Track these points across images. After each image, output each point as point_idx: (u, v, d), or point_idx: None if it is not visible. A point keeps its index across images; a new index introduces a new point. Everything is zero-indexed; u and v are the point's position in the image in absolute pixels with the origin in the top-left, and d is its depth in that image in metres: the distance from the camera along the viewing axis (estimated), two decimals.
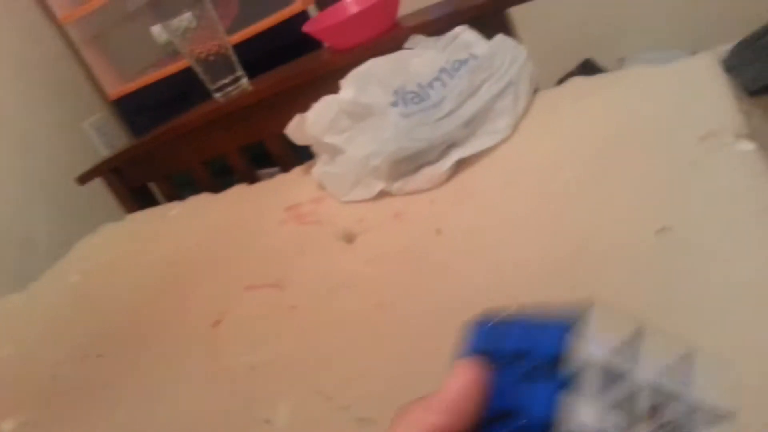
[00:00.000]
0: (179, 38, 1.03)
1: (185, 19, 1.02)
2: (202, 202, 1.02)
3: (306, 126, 0.79)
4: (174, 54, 1.55)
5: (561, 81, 0.79)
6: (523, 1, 0.83)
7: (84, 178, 1.21)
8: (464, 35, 0.79)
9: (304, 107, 0.80)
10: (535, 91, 0.77)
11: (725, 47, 1.66)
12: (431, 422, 0.22)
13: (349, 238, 0.71)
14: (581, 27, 1.78)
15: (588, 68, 1.75)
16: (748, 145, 0.51)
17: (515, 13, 0.88)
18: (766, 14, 1.60)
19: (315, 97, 0.79)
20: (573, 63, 1.78)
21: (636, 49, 1.72)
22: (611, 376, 0.22)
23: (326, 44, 1.04)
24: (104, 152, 1.68)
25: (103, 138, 1.75)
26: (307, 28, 0.97)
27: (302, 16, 1.47)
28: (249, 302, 0.68)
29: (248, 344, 0.61)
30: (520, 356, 0.24)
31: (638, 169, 0.55)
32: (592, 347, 0.22)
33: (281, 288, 0.68)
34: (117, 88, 1.74)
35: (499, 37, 0.77)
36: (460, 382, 0.23)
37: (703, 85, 0.62)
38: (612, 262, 0.48)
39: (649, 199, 0.51)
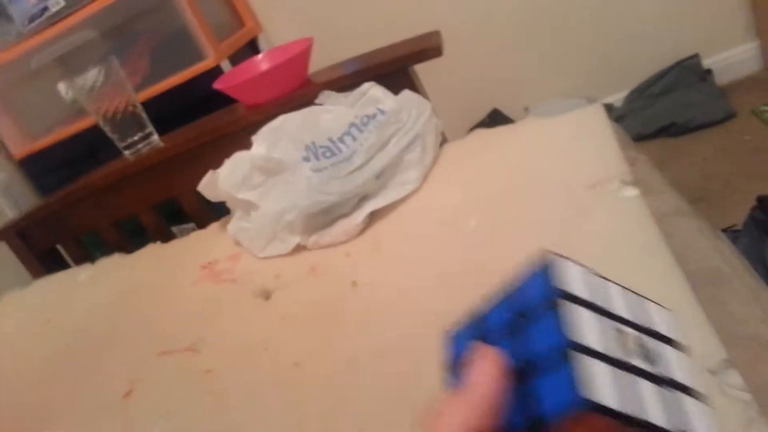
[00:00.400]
0: (86, 96, 1.01)
1: (91, 76, 1.00)
2: (113, 264, 0.98)
3: (219, 182, 0.79)
4: (82, 111, 1.51)
5: (471, 130, 0.83)
6: (425, 60, 0.87)
7: None
8: (372, 91, 0.82)
9: (216, 163, 0.80)
10: (442, 143, 0.81)
11: (619, 95, 1.81)
12: (476, 425, 0.22)
13: (266, 295, 0.70)
14: (488, 80, 1.89)
15: (495, 118, 1.85)
16: (632, 191, 0.56)
17: (427, 66, 0.92)
18: (653, 65, 1.77)
19: (227, 153, 0.79)
20: (483, 113, 1.88)
21: (539, 98, 1.84)
22: (597, 311, 0.23)
23: (238, 100, 1.04)
24: (9, 215, 1.59)
25: (8, 200, 1.66)
26: (218, 85, 0.98)
27: (215, 72, 1.47)
28: (162, 369, 0.66)
29: (161, 414, 0.59)
30: (515, 322, 0.25)
31: (535, 216, 0.59)
32: (572, 287, 0.23)
33: (196, 352, 0.66)
34: (23, 147, 1.66)
35: (405, 93, 0.80)
36: (490, 375, 0.23)
37: (591, 135, 0.67)
38: None
39: (545, 244, 0.54)
